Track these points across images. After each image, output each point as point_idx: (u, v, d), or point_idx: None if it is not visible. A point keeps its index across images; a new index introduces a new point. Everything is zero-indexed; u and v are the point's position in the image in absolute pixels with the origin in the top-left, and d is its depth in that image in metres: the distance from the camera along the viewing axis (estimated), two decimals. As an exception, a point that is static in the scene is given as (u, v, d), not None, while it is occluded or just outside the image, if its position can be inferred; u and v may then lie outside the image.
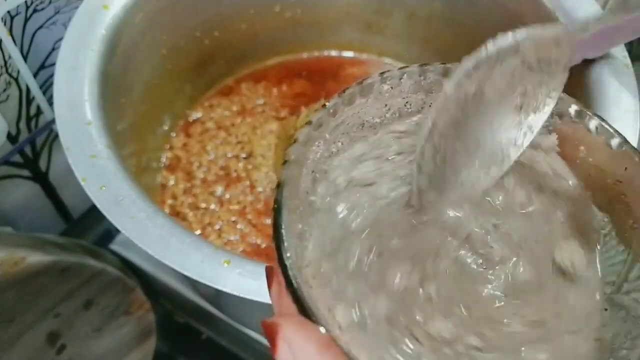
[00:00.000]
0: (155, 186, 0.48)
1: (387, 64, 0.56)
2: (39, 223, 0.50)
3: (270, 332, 0.14)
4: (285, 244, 0.15)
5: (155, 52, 0.45)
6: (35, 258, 0.36)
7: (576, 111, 0.18)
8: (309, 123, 0.17)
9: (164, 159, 0.49)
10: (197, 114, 0.52)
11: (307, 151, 0.17)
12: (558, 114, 0.18)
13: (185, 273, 0.28)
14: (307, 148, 0.17)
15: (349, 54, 0.57)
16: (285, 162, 0.16)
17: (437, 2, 0.49)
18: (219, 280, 0.28)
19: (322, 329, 0.14)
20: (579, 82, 0.36)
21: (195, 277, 0.28)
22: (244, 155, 0.49)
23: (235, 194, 0.47)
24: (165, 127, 0.50)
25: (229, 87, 0.54)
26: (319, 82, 0.54)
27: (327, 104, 0.18)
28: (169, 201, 0.47)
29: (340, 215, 0.18)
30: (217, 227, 0.45)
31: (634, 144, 0.19)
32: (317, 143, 0.18)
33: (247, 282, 0.28)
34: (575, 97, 0.19)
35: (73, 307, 0.40)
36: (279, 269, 0.15)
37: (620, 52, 0.36)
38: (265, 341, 0.45)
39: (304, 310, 0.14)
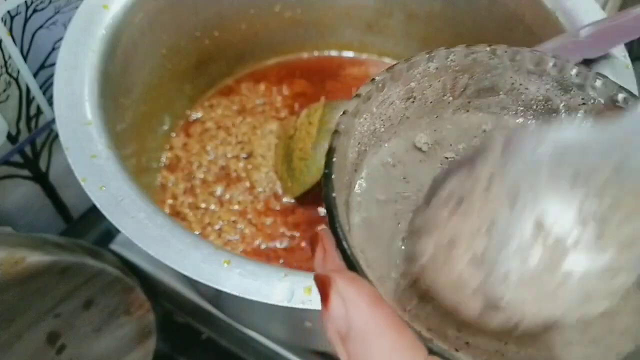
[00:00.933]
0: (155, 186, 0.48)
1: (387, 63, 0.56)
2: (39, 223, 0.50)
3: (323, 285, 0.15)
4: (337, 208, 0.16)
5: (155, 52, 0.45)
6: (35, 258, 0.36)
7: (624, 98, 0.18)
8: (358, 95, 0.18)
9: (164, 159, 0.49)
10: (197, 114, 0.52)
11: (355, 122, 0.18)
12: (604, 98, 0.19)
13: (185, 273, 0.28)
14: (355, 119, 0.18)
15: (349, 54, 0.57)
16: (335, 132, 0.17)
17: (437, 2, 0.49)
18: (219, 280, 0.28)
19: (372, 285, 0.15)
20: (579, 82, 0.36)
21: (195, 277, 0.28)
22: (244, 155, 0.49)
23: (235, 194, 0.47)
24: (165, 127, 0.50)
25: (229, 87, 0.54)
26: (319, 82, 0.54)
27: (376, 77, 0.18)
28: (169, 201, 0.47)
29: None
30: (217, 227, 0.45)
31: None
32: (364, 116, 0.18)
33: (247, 282, 0.28)
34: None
35: (73, 307, 0.40)
36: (324, 235, 0.16)
37: (620, 52, 0.36)
38: (264, 340, 0.45)
39: (353, 267, 0.15)
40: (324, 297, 0.15)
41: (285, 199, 0.47)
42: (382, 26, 0.54)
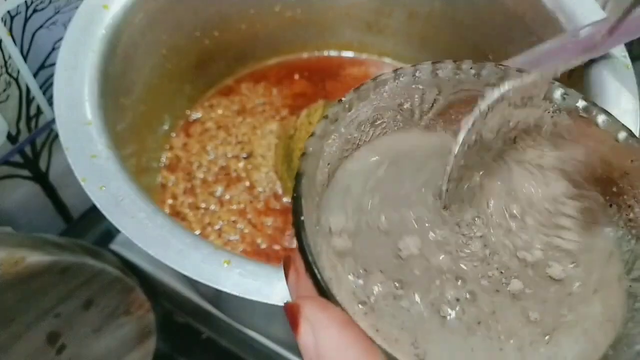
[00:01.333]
0: (155, 186, 0.48)
1: (387, 63, 0.56)
2: (39, 223, 0.50)
3: (292, 313, 0.15)
4: (306, 230, 0.16)
5: (155, 52, 0.45)
6: (35, 258, 0.36)
7: (584, 106, 0.19)
8: (325, 117, 0.18)
9: (164, 159, 0.49)
10: (197, 114, 0.52)
11: (323, 144, 0.18)
12: (566, 109, 0.19)
13: (185, 273, 0.28)
14: (323, 141, 0.18)
15: (349, 54, 0.57)
16: (303, 154, 0.17)
17: (437, 2, 0.49)
18: (219, 280, 0.28)
19: (342, 309, 0.15)
20: (579, 82, 0.36)
21: (195, 277, 0.28)
22: (244, 155, 0.49)
23: (235, 194, 0.47)
24: (165, 127, 0.50)
25: (229, 87, 0.54)
26: (319, 82, 0.54)
27: (343, 98, 0.19)
28: (169, 201, 0.47)
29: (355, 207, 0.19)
30: (217, 227, 0.45)
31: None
32: (332, 137, 0.19)
33: (247, 282, 0.28)
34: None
35: (73, 307, 0.40)
36: (296, 257, 0.16)
37: (620, 52, 0.36)
38: (264, 340, 0.45)
39: (323, 292, 0.15)
40: (294, 325, 0.15)
41: (285, 199, 0.47)
42: (382, 26, 0.54)
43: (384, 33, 0.54)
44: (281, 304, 0.27)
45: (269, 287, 0.28)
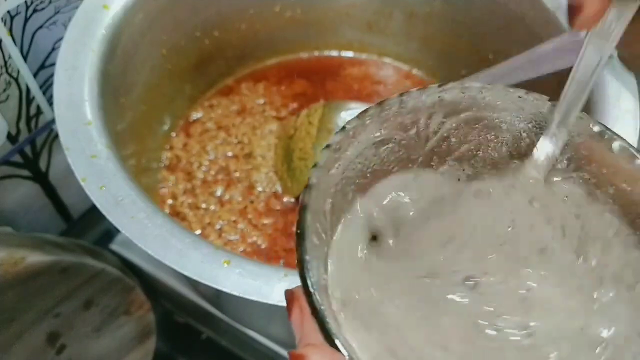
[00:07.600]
0: (155, 186, 0.48)
1: (387, 63, 0.56)
2: (39, 223, 0.50)
3: None
4: (310, 272, 0.15)
5: (155, 52, 0.45)
6: (35, 258, 0.36)
7: (600, 131, 0.18)
8: (328, 146, 0.17)
9: (164, 159, 0.49)
10: (197, 114, 0.52)
11: (327, 174, 0.17)
12: (581, 132, 0.18)
13: (185, 273, 0.28)
14: (327, 172, 0.17)
15: (349, 54, 0.57)
16: (306, 186, 0.16)
17: (437, 2, 0.49)
18: (219, 280, 0.28)
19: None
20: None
21: (195, 277, 0.28)
22: (244, 155, 0.49)
23: (235, 194, 0.47)
24: (165, 127, 0.50)
25: (229, 87, 0.54)
26: (319, 82, 0.54)
27: (346, 125, 0.18)
28: (169, 201, 0.47)
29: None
30: (217, 227, 0.45)
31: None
32: (336, 165, 0.18)
33: (247, 282, 0.28)
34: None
35: (73, 307, 0.40)
36: (301, 295, 0.15)
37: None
38: (264, 340, 0.45)
39: (330, 339, 0.14)
40: None
41: (285, 199, 0.47)
42: (382, 26, 0.54)
43: (384, 33, 0.54)
44: (281, 304, 0.27)
45: (268, 287, 0.28)
